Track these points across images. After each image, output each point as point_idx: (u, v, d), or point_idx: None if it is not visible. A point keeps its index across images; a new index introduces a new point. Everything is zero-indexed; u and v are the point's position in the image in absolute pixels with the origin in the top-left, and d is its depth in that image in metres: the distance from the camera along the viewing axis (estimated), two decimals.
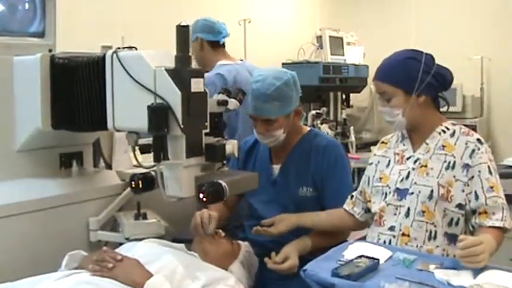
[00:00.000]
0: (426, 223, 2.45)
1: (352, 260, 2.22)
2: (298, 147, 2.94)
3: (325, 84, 6.03)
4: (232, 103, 2.43)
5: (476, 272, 2.10)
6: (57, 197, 2.72)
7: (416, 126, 2.57)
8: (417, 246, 2.45)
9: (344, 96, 6.70)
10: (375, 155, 2.78)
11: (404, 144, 2.65)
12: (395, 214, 2.53)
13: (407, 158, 2.59)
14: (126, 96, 2.30)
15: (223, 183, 2.18)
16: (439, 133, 2.56)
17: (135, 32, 3.67)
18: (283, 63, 5.96)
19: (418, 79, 2.47)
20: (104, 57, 2.38)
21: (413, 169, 2.53)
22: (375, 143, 6.38)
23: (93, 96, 2.43)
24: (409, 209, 2.49)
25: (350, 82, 6.39)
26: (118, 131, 2.44)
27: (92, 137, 3.00)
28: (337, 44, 6.40)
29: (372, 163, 2.76)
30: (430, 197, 2.45)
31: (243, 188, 2.53)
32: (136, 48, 2.40)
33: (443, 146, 2.52)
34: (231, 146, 2.42)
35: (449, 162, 2.47)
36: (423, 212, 2.46)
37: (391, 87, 2.51)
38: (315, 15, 6.97)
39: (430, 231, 2.45)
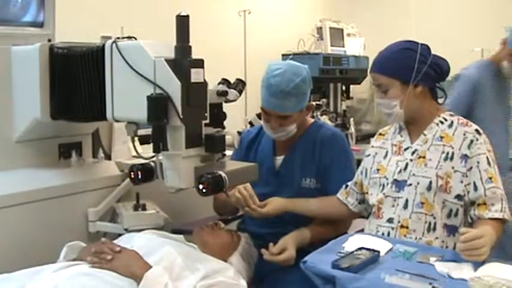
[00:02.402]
0: (425, 215, 2.44)
1: (352, 252, 2.21)
2: (303, 138, 2.93)
3: (325, 76, 6.02)
4: (232, 94, 2.42)
5: (477, 264, 2.10)
6: (56, 187, 2.72)
7: (414, 117, 2.56)
8: (416, 238, 2.44)
9: (344, 88, 6.69)
10: (372, 146, 2.76)
11: (401, 136, 2.63)
12: (393, 206, 2.52)
13: (405, 149, 2.57)
14: (125, 86, 2.29)
15: (223, 174, 2.17)
16: (437, 124, 2.55)
17: (135, 22, 3.66)
18: (283, 55, 5.95)
19: (414, 69, 2.46)
20: (103, 47, 2.36)
21: (411, 160, 2.52)
22: (374, 135, 6.41)
23: (93, 87, 2.42)
24: (407, 200, 2.48)
25: (350, 74, 6.38)
26: (117, 121, 2.42)
27: (91, 128, 3.00)
28: (338, 35, 6.38)
29: (369, 155, 2.74)
30: (429, 188, 2.44)
31: (243, 179, 2.52)
32: (135, 39, 2.39)
33: (442, 137, 2.51)
34: (231, 137, 2.41)
35: (448, 153, 2.46)
36: (422, 203, 2.45)
37: (388, 79, 2.51)
38: (315, 6, 6.94)
39: (429, 223, 2.44)
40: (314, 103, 5.29)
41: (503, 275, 2.00)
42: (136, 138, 2.34)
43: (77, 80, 2.47)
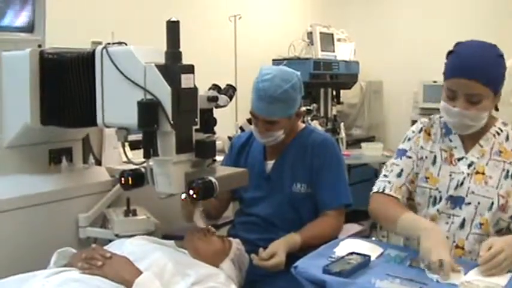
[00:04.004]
0: (482, 235, 2.33)
1: (343, 257, 2.21)
2: (294, 143, 2.93)
3: (316, 81, 6.04)
4: (223, 99, 2.42)
5: (467, 269, 2.10)
6: (47, 193, 2.71)
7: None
8: (471, 259, 2.33)
9: (334, 93, 6.71)
10: (421, 147, 2.52)
11: (451, 140, 2.47)
12: (447, 223, 2.39)
13: (459, 159, 2.43)
14: (115, 91, 2.28)
15: (214, 180, 2.17)
16: (494, 135, 2.41)
17: (125, 27, 3.65)
18: (273, 60, 5.97)
19: (503, 78, 2.31)
20: (93, 53, 2.36)
21: (468, 174, 2.39)
22: (365, 140, 6.44)
23: (83, 92, 2.42)
24: (464, 219, 2.36)
25: (340, 78, 6.41)
26: (108, 127, 2.42)
27: (82, 133, 2.99)
28: (328, 40, 6.41)
29: (421, 158, 2.51)
30: (490, 208, 2.33)
31: (233, 185, 2.52)
32: (126, 44, 2.39)
33: (500, 152, 2.38)
34: (221, 142, 2.41)
35: (508, 171, 2.35)
36: (481, 224, 2.34)
37: (485, 89, 2.25)
38: (306, 11, 6.96)
39: None
40: (305, 108, 5.33)
41: (493, 279, 2.00)
42: (126, 144, 2.35)
43: (67, 85, 2.46)
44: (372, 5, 7.12)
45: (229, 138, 4.06)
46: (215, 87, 2.45)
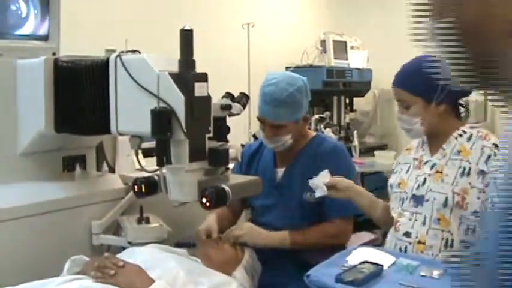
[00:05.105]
0: (442, 231, 2.41)
1: (355, 266, 2.21)
2: (304, 151, 2.93)
3: (329, 89, 6.03)
4: (236, 107, 2.43)
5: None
6: (60, 200, 2.72)
7: (434, 132, 2.53)
8: (433, 254, 2.41)
9: (347, 101, 6.70)
10: (399, 163, 2.74)
11: (423, 149, 2.60)
12: (410, 220, 2.48)
13: (425, 163, 2.54)
14: (129, 100, 2.29)
15: (227, 188, 2.17)
16: (456, 138, 2.49)
17: (139, 35, 3.67)
18: (286, 67, 5.96)
19: (438, 88, 2.37)
20: (107, 61, 2.37)
21: (429, 175, 2.49)
22: (378, 148, 6.43)
23: (97, 100, 2.43)
24: (425, 216, 2.44)
25: (353, 86, 6.40)
26: (121, 134, 2.43)
27: (95, 141, 3.00)
28: (341, 48, 6.40)
29: (396, 172, 2.71)
30: (445, 204, 2.39)
31: (246, 193, 2.53)
32: (139, 52, 2.40)
33: (459, 151, 2.45)
34: (235, 151, 2.41)
35: (465, 169, 2.41)
36: (438, 219, 2.41)
37: (411, 96, 2.48)
38: (319, 19, 6.96)
39: (447, 239, 2.40)
40: (317, 116, 5.33)
41: None
42: (140, 151, 2.35)
43: (81, 93, 2.47)
44: (385, 13, 7.10)
45: (243, 146, 4.06)
46: (228, 95, 2.46)
